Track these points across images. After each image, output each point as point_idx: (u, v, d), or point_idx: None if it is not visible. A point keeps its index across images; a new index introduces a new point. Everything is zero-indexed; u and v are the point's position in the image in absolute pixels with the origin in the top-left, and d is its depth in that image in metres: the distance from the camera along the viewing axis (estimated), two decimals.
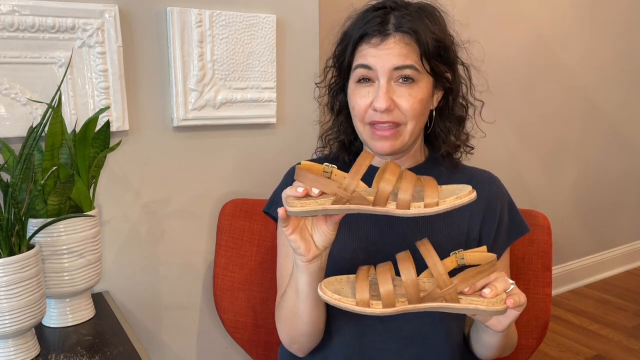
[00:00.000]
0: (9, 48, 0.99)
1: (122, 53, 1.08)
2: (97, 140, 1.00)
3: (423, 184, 0.73)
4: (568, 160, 2.57)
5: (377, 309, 0.74)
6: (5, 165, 0.93)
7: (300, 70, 1.32)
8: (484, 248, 0.78)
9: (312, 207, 0.72)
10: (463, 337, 0.98)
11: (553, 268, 1.26)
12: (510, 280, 0.76)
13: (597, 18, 2.49)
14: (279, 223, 0.77)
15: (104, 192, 1.13)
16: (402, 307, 0.74)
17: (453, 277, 0.74)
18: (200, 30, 1.15)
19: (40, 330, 0.97)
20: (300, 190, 0.72)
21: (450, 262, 0.77)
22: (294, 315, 0.88)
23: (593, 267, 2.77)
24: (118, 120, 1.10)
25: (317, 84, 1.11)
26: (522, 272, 1.14)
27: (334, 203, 0.71)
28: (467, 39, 0.98)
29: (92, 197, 1.00)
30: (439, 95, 0.95)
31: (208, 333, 1.32)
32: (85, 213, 0.97)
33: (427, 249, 0.75)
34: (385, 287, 0.74)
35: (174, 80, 1.15)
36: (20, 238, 0.86)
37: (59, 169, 0.94)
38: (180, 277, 1.26)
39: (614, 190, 2.79)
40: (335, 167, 0.75)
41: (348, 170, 0.74)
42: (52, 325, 0.99)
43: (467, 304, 0.74)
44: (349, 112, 0.97)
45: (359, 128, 0.93)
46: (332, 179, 0.73)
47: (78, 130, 0.99)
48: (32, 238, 0.90)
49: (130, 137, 1.14)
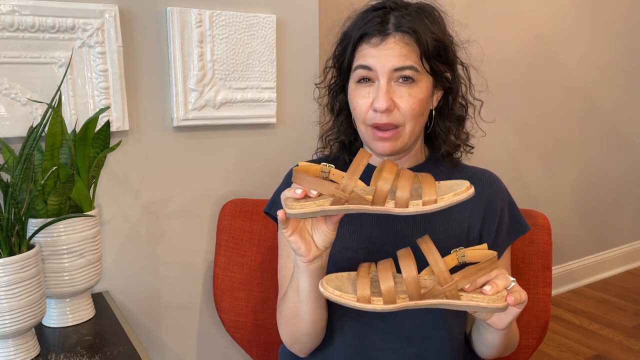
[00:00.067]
0: (9, 48, 0.99)
1: (122, 53, 1.09)
2: (97, 140, 1.00)
3: (421, 182, 0.73)
4: (568, 160, 2.57)
5: (378, 305, 0.74)
6: (5, 165, 0.93)
7: (300, 71, 1.32)
8: (485, 246, 0.78)
9: (311, 208, 0.71)
10: (464, 336, 0.98)
11: (553, 268, 1.26)
12: (511, 278, 0.76)
13: (597, 18, 2.49)
14: (279, 225, 0.77)
15: (104, 192, 1.13)
16: (403, 303, 0.74)
17: (454, 274, 0.74)
18: (200, 30, 1.15)
19: (40, 330, 0.97)
20: (299, 192, 0.72)
21: (451, 259, 0.77)
22: (295, 316, 0.88)
23: (593, 267, 2.77)
24: (118, 120, 1.10)
25: (317, 85, 1.11)
26: (522, 272, 1.14)
27: (333, 204, 0.71)
28: (466, 39, 0.98)
29: (92, 197, 1.00)
30: (439, 95, 0.95)
31: (208, 333, 1.32)
32: (85, 213, 0.98)
33: (428, 246, 0.75)
34: (386, 283, 0.74)
35: (174, 80, 1.15)
36: (20, 238, 0.86)
37: (59, 169, 0.94)
38: (180, 277, 1.26)
39: (614, 190, 2.79)
40: (333, 166, 0.75)
41: None
42: (52, 325, 0.99)
43: (468, 301, 0.74)
44: (349, 112, 0.97)
45: (361, 129, 0.93)
46: (330, 180, 0.73)
47: (78, 130, 0.99)
48: (32, 238, 0.90)
49: (130, 137, 1.14)
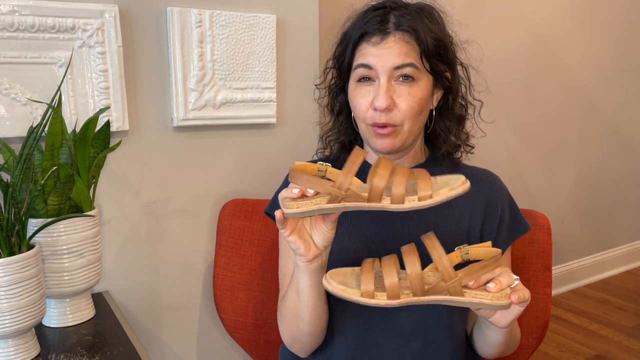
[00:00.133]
0: (9, 48, 0.99)
1: (122, 53, 1.09)
2: (97, 140, 1.00)
3: (416, 177, 0.72)
4: (568, 160, 2.57)
5: (381, 301, 0.73)
6: (5, 165, 0.93)
7: (300, 71, 1.32)
8: (489, 243, 0.77)
9: (308, 207, 0.71)
10: (465, 336, 0.98)
11: (553, 268, 1.26)
12: (515, 276, 0.76)
13: (597, 18, 2.49)
14: (277, 225, 0.77)
15: (104, 192, 1.13)
16: (406, 299, 0.74)
17: (458, 271, 0.74)
18: (200, 30, 1.15)
19: (40, 330, 0.97)
20: (296, 192, 0.72)
21: (455, 256, 0.76)
22: (296, 316, 0.88)
23: (593, 267, 2.77)
24: (118, 120, 1.10)
25: (317, 86, 1.11)
26: (522, 272, 1.14)
27: (330, 202, 0.71)
28: (465, 39, 0.98)
29: (92, 197, 1.00)
30: (439, 95, 0.95)
31: (208, 333, 1.32)
32: (85, 213, 0.98)
33: (432, 242, 0.74)
34: (390, 279, 0.73)
35: (174, 80, 1.15)
36: (20, 238, 0.86)
37: (59, 169, 0.94)
38: (180, 277, 1.26)
39: (614, 190, 2.79)
40: (330, 165, 0.75)
41: None
42: (52, 325, 0.99)
43: (471, 298, 0.74)
44: (349, 112, 0.97)
45: (361, 128, 0.93)
46: (327, 178, 0.73)
47: (78, 130, 0.99)
48: (32, 238, 0.90)
49: (130, 137, 1.14)
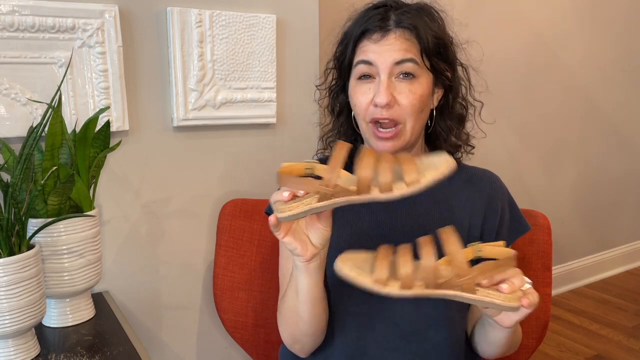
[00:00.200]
0: (9, 48, 0.99)
1: (122, 53, 1.09)
2: (97, 140, 1.00)
3: (401, 163, 0.71)
4: (568, 160, 2.57)
5: (393, 290, 0.72)
6: (5, 165, 0.93)
7: (300, 71, 1.32)
8: (502, 243, 0.77)
9: (299, 209, 0.71)
10: (465, 336, 0.98)
11: (553, 268, 1.26)
12: (527, 279, 0.75)
13: (597, 18, 2.49)
14: (272, 230, 0.77)
15: (104, 192, 1.13)
16: (418, 290, 0.72)
17: (472, 267, 0.73)
18: (200, 30, 1.15)
19: (40, 330, 0.97)
20: (286, 195, 0.71)
21: (468, 253, 0.76)
22: (295, 315, 0.88)
23: (593, 267, 2.77)
24: (118, 120, 1.10)
25: (317, 87, 1.11)
26: (522, 272, 1.14)
27: (320, 200, 0.71)
28: (465, 40, 0.98)
29: (92, 197, 1.00)
30: (439, 94, 0.96)
31: (208, 333, 1.32)
32: (85, 213, 0.98)
33: (449, 237, 0.73)
34: (405, 268, 0.72)
35: (174, 80, 1.15)
36: (20, 238, 0.86)
37: (59, 169, 0.94)
38: (180, 277, 1.26)
39: (614, 190, 2.79)
40: (317, 162, 0.74)
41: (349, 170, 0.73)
42: (52, 325, 0.99)
43: (483, 296, 0.73)
44: (350, 113, 0.97)
45: (362, 126, 0.93)
46: (312, 178, 0.72)
47: (78, 130, 0.99)
48: (32, 238, 0.90)
49: (130, 137, 1.14)
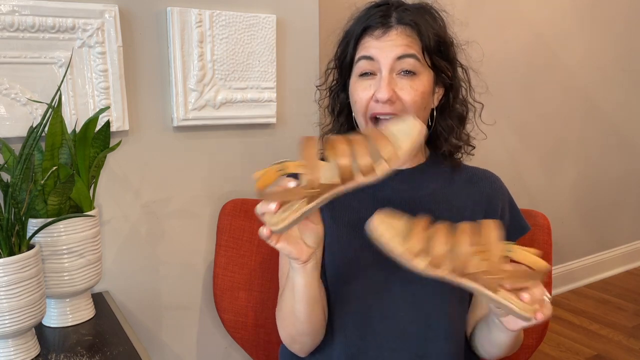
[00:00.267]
0: (9, 48, 0.99)
1: (122, 53, 1.08)
2: (97, 140, 1.00)
3: (373, 139, 0.70)
4: (568, 160, 2.57)
5: (420, 265, 0.70)
6: (5, 165, 0.93)
7: (300, 71, 1.32)
8: (538, 252, 0.74)
9: (292, 217, 0.70)
10: (465, 338, 0.98)
11: (553, 268, 1.26)
12: (547, 293, 0.74)
13: (597, 18, 2.49)
14: (266, 241, 0.76)
15: (104, 192, 1.13)
16: (443, 273, 0.71)
17: (504, 268, 0.71)
18: (200, 30, 1.15)
19: (40, 330, 0.97)
20: (274, 206, 0.70)
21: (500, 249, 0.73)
22: (292, 315, 0.88)
23: (593, 267, 2.77)
24: (118, 120, 1.10)
25: (317, 87, 1.11)
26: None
27: (309, 202, 0.70)
28: (465, 40, 0.98)
29: (92, 197, 1.00)
30: (440, 94, 0.96)
31: (208, 333, 1.32)
32: (85, 213, 0.98)
33: (491, 231, 0.71)
34: (440, 248, 0.70)
35: (174, 80, 1.15)
36: (20, 238, 0.86)
37: (59, 169, 0.94)
38: (180, 277, 1.26)
39: (614, 190, 2.79)
40: (285, 160, 0.72)
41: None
42: (52, 325, 0.99)
43: (502, 299, 0.71)
44: (350, 113, 0.97)
45: (361, 123, 0.93)
46: (289, 177, 0.71)
47: (78, 130, 0.99)
48: (32, 238, 0.90)
49: (130, 137, 1.14)
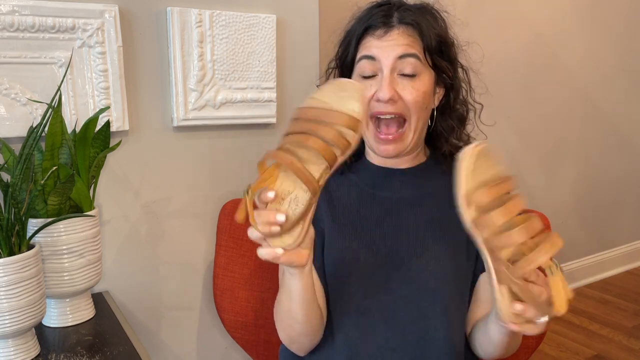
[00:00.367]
0: (9, 48, 0.98)
1: (122, 53, 1.08)
2: (97, 140, 1.00)
3: (312, 118, 0.68)
4: (568, 160, 2.57)
5: (468, 215, 0.67)
6: (5, 165, 0.93)
7: (300, 71, 1.32)
8: (571, 294, 0.68)
9: (298, 229, 0.68)
10: (465, 338, 0.98)
11: None
12: (544, 318, 0.70)
13: (597, 18, 2.49)
14: (277, 262, 0.75)
15: (104, 192, 1.13)
16: (478, 237, 0.68)
17: (525, 277, 0.68)
18: (200, 30, 1.15)
19: (40, 330, 0.97)
20: (276, 229, 0.69)
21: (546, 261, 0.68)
22: (290, 318, 0.88)
23: (593, 267, 2.77)
24: (118, 120, 1.10)
25: (318, 87, 1.11)
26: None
27: (308, 208, 0.69)
28: (466, 41, 0.99)
29: (92, 197, 1.00)
30: (440, 94, 0.96)
31: (208, 333, 1.32)
32: (85, 213, 0.98)
33: (552, 243, 0.67)
34: (496, 218, 0.66)
35: (174, 80, 1.15)
36: (20, 238, 0.86)
37: (59, 169, 0.94)
38: (180, 277, 1.26)
39: (614, 190, 2.79)
40: (249, 185, 0.71)
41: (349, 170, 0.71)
42: (52, 325, 0.99)
43: (498, 291, 0.69)
44: None
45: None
46: (261, 194, 0.69)
47: (78, 130, 0.99)
48: (32, 238, 0.90)
49: (130, 137, 1.14)
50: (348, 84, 0.69)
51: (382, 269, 0.92)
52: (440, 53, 0.91)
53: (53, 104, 0.91)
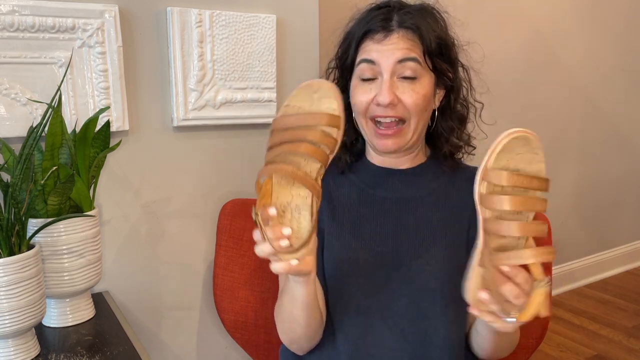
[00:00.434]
0: (9, 48, 0.98)
1: (122, 53, 1.08)
2: (97, 140, 1.00)
3: (309, 126, 0.69)
4: (568, 160, 2.57)
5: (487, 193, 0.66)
6: (5, 165, 0.93)
7: (301, 71, 1.32)
8: (542, 313, 0.68)
9: (307, 233, 0.70)
10: (465, 338, 0.98)
11: (553, 268, 1.26)
12: (512, 318, 0.70)
13: (597, 18, 2.49)
14: (295, 277, 0.77)
15: (104, 192, 1.13)
16: (486, 213, 0.68)
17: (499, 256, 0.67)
18: (200, 30, 1.15)
19: (40, 330, 0.97)
20: (285, 243, 0.70)
21: (537, 271, 0.67)
22: (292, 321, 0.89)
23: (593, 267, 2.77)
24: (118, 120, 1.10)
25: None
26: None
27: (313, 213, 0.70)
28: (466, 41, 0.98)
29: (92, 197, 1.00)
30: (441, 95, 0.96)
31: (208, 333, 1.32)
32: (85, 213, 0.98)
33: (544, 253, 0.66)
34: (506, 204, 0.65)
35: (174, 80, 1.15)
36: (20, 238, 0.86)
37: (59, 169, 0.94)
38: (180, 277, 1.26)
39: (614, 190, 2.79)
40: (253, 206, 0.72)
41: (349, 170, 0.72)
42: (52, 325, 0.99)
43: (474, 274, 0.70)
44: (351, 113, 0.97)
45: (362, 124, 0.93)
46: (266, 209, 0.71)
47: (78, 130, 0.99)
48: (32, 238, 0.90)
49: (130, 137, 1.14)
50: (317, 84, 0.69)
51: (382, 269, 0.92)
52: (441, 55, 0.91)
53: (53, 104, 0.91)
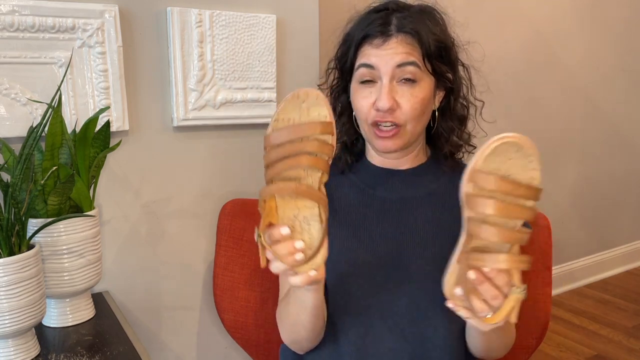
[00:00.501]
0: (9, 48, 0.98)
1: (122, 53, 1.08)
2: (97, 140, 1.00)
3: (303, 135, 0.68)
4: (568, 160, 2.57)
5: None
6: (5, 165, 0.93)
7: (301, 71, 1.32)
8: (510, 319, 0.70)
9: (318, 240, 0.70)
10: (465, 339, 0.98)
11: (553, 268, 1.26)
12: (485, 314, 0.71)
13: (597, 18, 2.49)
14: (311, 285, 0.76)
15: (104, 192, 1.13)
16: (469, 210, 0.69)
17: (475, 257, 0.69)
18: (200, 30, 1.15)
19: (40, 330, 0.97)
20: (300, 256, 0.69)
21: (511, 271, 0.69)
22: (297, 324, 0.89)
23: (593, 267, 2.77)
24: (118, 120, 1.10)
25: (319, 86, 1.11)
26: (522, 272, 1.13)
27: (323, 222, 0.70)
28: (466, 40, 0.98)
29: (92, 197, 1.00)
30: (441, 96, 0.96)
31: (208, 333, 1.32)
32: (85, 213, 0.98)
33: (519, 261, 0.68)
34: (489, 208, 0.65)
35: (174, 80, 1.15)
36: (20, 238, 0.86)
37: (59, 169, 0.94)
38: (180, 277, 1.26)
39: (614, 190, 2.79)
40: (256, 228, 0.72)
41: (349, 170, 0.72)
42: (52, 325, 0.99)
43: (453, 268, 0.72)
44: (351, 113, 0.97)
45: (364, 128, 0.94)
46: (269, 228, 0.70)
47: (78, 130, 0.99)
48: (32, 238, 0.90)
49: (130, 137, 1.14)
50: (304, 93, 0.69)
51: (382, 269, 0.92)
52: (440, 57, 0.90)
53: (53, 104, 0.91)
